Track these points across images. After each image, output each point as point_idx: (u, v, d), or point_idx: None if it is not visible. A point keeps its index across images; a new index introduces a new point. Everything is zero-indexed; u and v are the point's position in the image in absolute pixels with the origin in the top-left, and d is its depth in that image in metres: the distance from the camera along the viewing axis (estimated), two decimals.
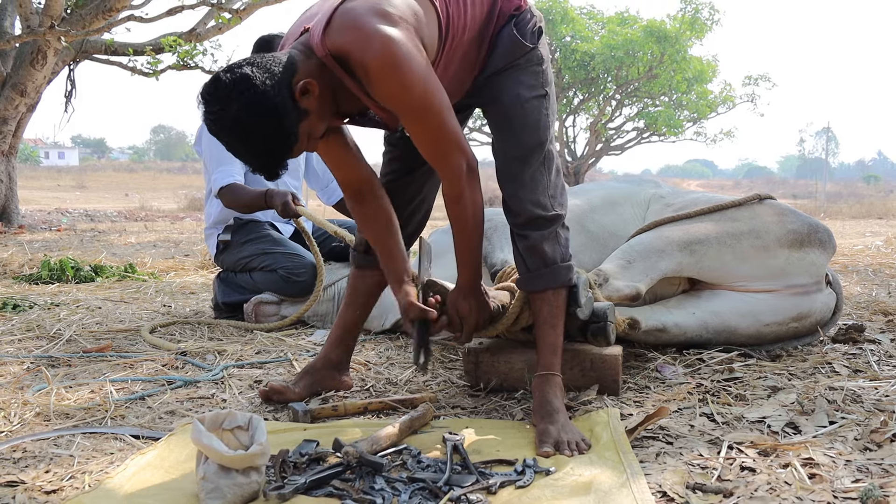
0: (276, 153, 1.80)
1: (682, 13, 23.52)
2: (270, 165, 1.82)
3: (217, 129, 1.77)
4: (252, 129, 1.74)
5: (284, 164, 1.84)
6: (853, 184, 51.13)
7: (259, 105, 1.73)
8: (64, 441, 1.88)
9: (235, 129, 1.75)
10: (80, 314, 3.56)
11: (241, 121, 1.73)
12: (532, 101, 2.09)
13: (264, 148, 1.78)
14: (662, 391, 2.27)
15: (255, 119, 1.73)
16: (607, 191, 3.07)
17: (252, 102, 1.72)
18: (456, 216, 2.01)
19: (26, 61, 8.96)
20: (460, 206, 1.98)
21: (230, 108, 1.72)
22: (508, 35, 2.08)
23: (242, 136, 1.76)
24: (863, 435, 1.82)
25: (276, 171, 1.84)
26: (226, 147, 1.81)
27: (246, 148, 1.78)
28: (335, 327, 2.36)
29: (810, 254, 2.70)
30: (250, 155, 1.80)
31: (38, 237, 8.30)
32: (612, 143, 27.30)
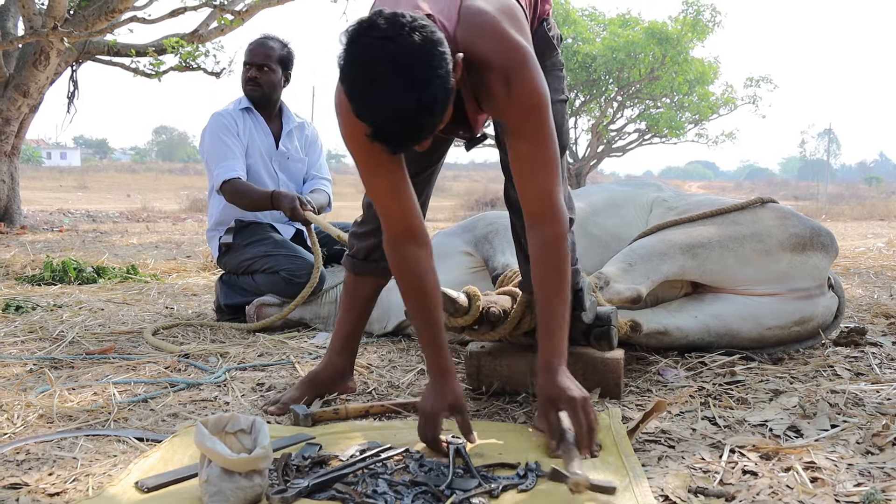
0: (432, 110, 1.57)
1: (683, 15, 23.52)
2: (418, 124, 1.58)
3: (378, 56, 1.52)
4: (422, 67, 1.53)
5: (421, 135, 1.61)
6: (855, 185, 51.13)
7: (437, 44, 1.55)
8: (67, 443, 1.89)
9: (404, 60, 1.52)
10: (82, 316, 3.57)
11: (414, 52, 1.52)
12: (557, 104, 2.09)
13: (426, 96, 1.54)
14: (664, 394, 2.27)
15: (430, 57, 1.53)
16: (610, 193, 3.08)
17: (432, 39, 1.54)
18: (555, 264, 1.84)
19: (29, 62, 8.97)
20: (559, 249, 1.84)
21: (406, 37, 1.52)
22: (542, 35, 2.10)
23: (408, 70, 1.52)
24: (865, 438, 1.82)
25: (415, 136, 1.60)
26: (375, 87, 1.53)
27: (405, 89, 1.53)
28: (336, 335, 2.33)
29: (812, 257, 2.70)
30: (405, 100, 1.53)
31: (40, 238, 8.31)
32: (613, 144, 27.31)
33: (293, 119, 3.80)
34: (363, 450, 1.79)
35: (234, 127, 3.58)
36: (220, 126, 3.57)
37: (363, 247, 2.27)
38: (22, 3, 8.40)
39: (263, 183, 3.63)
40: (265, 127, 3.69)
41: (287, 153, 3.73)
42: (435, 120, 1.59)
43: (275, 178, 3.70)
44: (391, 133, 1.58)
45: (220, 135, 3.55)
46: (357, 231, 2.31)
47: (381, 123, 1.57)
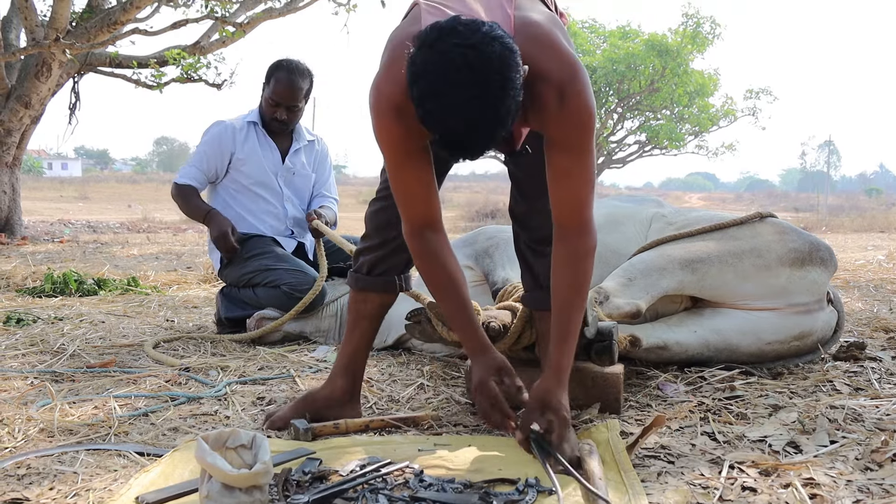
0: (505, 120, 1.55)
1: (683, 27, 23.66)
2: (490, 133, 1.55)
3: (459, 62, 1.49)
4: (502, 77, 1.51)
5: (491, 144, 1.60)
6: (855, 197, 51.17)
7: (515, 54, 1.54)
8: (68, 457, 1.89)
9: (485, 69, 1.50)
10: (83, 328, 3.57)
11: (496, 62, 1.50)
12: None
13: (504, 106, 1.52)
14: (664, 409, 2.28)
15: (509, 67, 1.51)
16: (609, 210, 3.09)
17: (511, 49, 1.53)
18: (580, 277, 1.85)
19: (31, 73, 9.01)
20: (588, 263, 1.85)
21: (489, 45, 1.50)
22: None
23: (487, 80, 1.50)
24: (864, 454, 1.82)
25: (485, 145, 1.58)
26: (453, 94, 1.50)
27: (482, 98, 1.51)
28: (340, 355, 2.25)
29: (812, 272, 2.71)
30: (482, 108, 1.51)
31: (40, 249, 8.32)
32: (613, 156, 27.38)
33: (304, 137, 3.82)
34: (363, 465, 1.79)
35: (227, 139, 3.66)
36: (212, 136, 3.69)
37: (366, 261, 2.22)
38: (24, 14, 8.44)
39: (266, 196, 3.67)
40: (271, 142, 3.72)
41: (293, 169, 3.75)
42: (504, 131, 1.57)
43: (279, 192, 3.71)
44: (461, 141, 1.57)
45: (208, 147, 3.68)
46: (361, 247, 2.27)
47: (453, 131, 1.55)
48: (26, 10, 8.41)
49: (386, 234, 2.18)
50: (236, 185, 3.68)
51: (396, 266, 2.22)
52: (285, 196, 3.72)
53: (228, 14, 10.45)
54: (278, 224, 3.71)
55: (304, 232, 3.79)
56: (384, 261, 2.20)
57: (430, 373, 2.72)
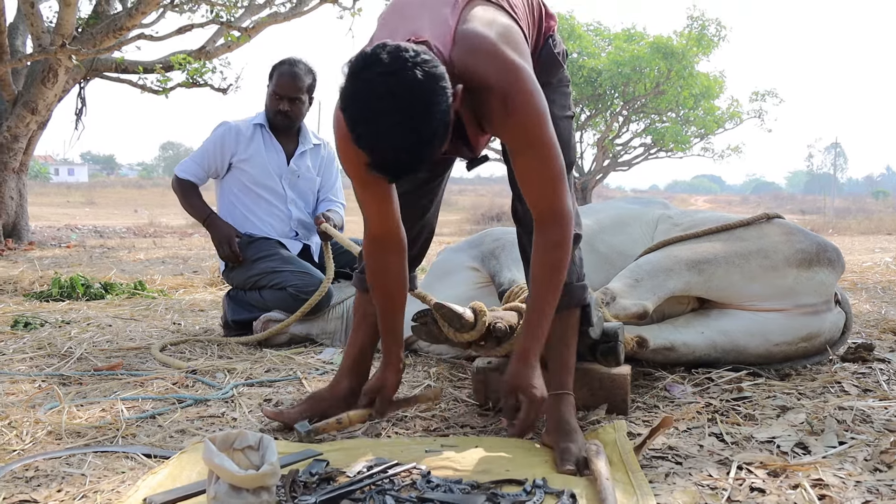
0: (430, 144, 1.59)
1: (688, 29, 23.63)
2: (415, 158, 1.60)
3: (380, 90, 1.55)
4: (423, 103, 1.56)
5: (418, 167, 1.63)
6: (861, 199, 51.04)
7: (438, 79, 1.57)
8: (76, 460, 1.89)
9: (405, 95, 1.54)
10: (90, 332, 3.58)
11: (415, 88, 1.55)
12: (564, 120, 2.11)
13: (426, 131, 1.57)
14: (671, 410, 2.27)
15: (430, 93, 1.56)
16: (616, 211, 3.08)
17: (433, 74, 1.57)
18: (554, 264, 1.86)
19: (37, 80, 9.06)
20: (562, 251, 1.86)
21: (409, 72, 1.55)
22: (548, 52, 2.12)
23: (409, 106, 1.55)
24: (873, 455, 1.81)
25: (411, 169, 1.62)
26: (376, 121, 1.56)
27: (403, 124, 1.55)
28: (346, 355, 2.28)
29: (819, 273, 2.70)
30: (403, 135, 1.56)
31: (47, 253, 8.35)
32: (619, 158, 27.35)
33: (310, 140, 3.83)
34: (370, 466, 1.79)
35: (230, 139, 3.68)
36: (217, 137, 3.71)
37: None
38: (30, 21, 8.48)
39: (269, 198, 3.68)
40: (276, 144, 3.73)
41: (297, 171, 3.76)
42: (433, 152, 1.62)
43: (282, 194, 3.72)
44: (389, 165, 1.61)
45: (211, 144, 3.71)
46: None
47: (381, 156, 1.60)
48: (32, 17, 8.45)
49: None
50: (240, 186, 3.69)
51: None
52: (289, 198, 3.73)
53: (234, 19, 10.49)
54: (282, 226, 3.72)
55: (310, 234, 3.79)
56: None
57: (437, 374, 2.72)
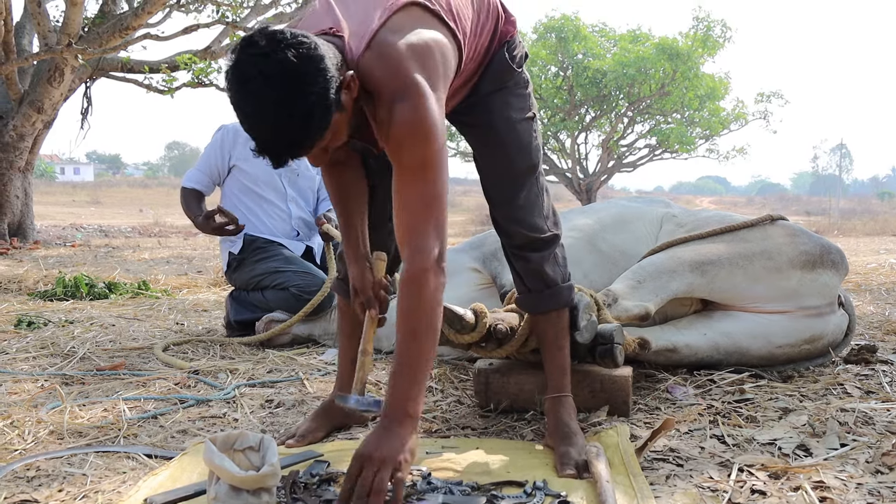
0: (306, 125, 1.57)
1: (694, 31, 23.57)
2: (291, 139, 1.58)
3: (253, 71, 1.53)
4: (295, 82, 1.53)
5: (298, 150, 1.61)
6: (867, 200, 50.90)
7: (313, 61, 1.56)
8: (77, 460, 1.90)
9: (276, 75, 1.52)
10: (93, 332, 3.59)
11: (287, 68, 1.52)
12: (523, 122, 2.07)
13: (298, 111, 1.55)
14: (673, 412, 2.27)
15: (304, 73, 1.54)
16: (619, 210, 3.08)
17: (308, 56, 1.55)
18: (410, 301, 1.65)
19: (44, 79, 9.08)
20: (419, 285, 1.65)
21: (280, 53, 1.53)
22: (500, 59, 2.06)
23: (280, 85, 1.53)
24: (874, 458, 1.81)
25: (290, 151, 1.60)
26: (249, 102, 1.55)
27: (276, 103, 1.53)
28: (344, 362, 2.22)
29: (823, 275, 2.69)
30: (276, 114, 1.54)
31: (52, 253, 8.37)
32: (624, 159, 27.29)
33: None
34: None
35: (228, 141, 3.71)
36: (216, 141, 3.74)
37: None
38: (37, 20, 8.51)
39: (270, 197, 3.69)
40: None
41: (297, 170, 3.77)
42: (311, 134, 1.59)
43: (282, 192, 3.73)
44: (267, 146, 1.59)
45: (210, 149, 3.74)
46: (343, 251, 2.19)
47: (257, 137, 1.59)
48: (39, 16, 8.48)
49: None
50: (240, 187, 3.70)
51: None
52: (289, 196, 3.74)
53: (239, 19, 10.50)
54: (283, 225, 3.73)
55: (311, 234, 3.80)
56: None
57: (439, 375, 2.72)
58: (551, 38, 23.87)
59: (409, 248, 1.68)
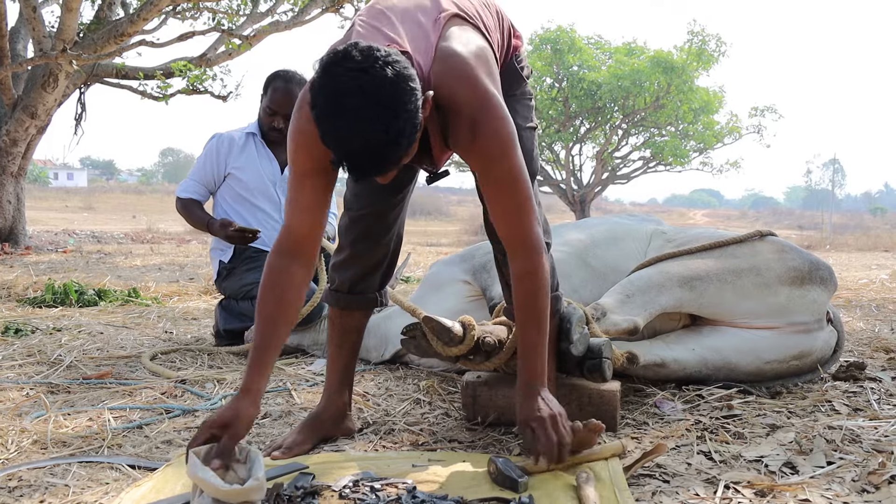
0: (397, 144, 1.59)
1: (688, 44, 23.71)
2: (382, 156, 1.60)
3: (351, 86, 1.55)
4: (392, 100, 1.56)
5: (385, 168, 1.64)
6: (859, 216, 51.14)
7: (408, 79, 1.59)
8: (60, 470, 1.88)
9: (374, 92, 1.54)
10: (81, 339, 3.57)
11: (385, 85, 1.55)
12: (527, 130, 2.13)
13: (392, 129, 1.56)
14: (661, 427, 2.26)
15: (400, 91, 1.57)
16: (609, 226, 3.08)
17: (404, 74, 1.58)
18: (529, 292, 1.90)
19: (38, 84, 9.06)
20: (537, 278, 1.89)
21: (379, 69, 1.55)
22: (511, 68, 2.15)
23: (377, 102, 1.55)
24: (861, 476, 1.80)
25: (377, 168, 1.63)
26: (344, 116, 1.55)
27: (372, 120, 1.55)
28: (332, 372, 2.25)
29: (811, 291, 2.70)
30: (371, 131, 1.56)
31: (44, 259, 8.33)
32: (618, 171, 27.38)
33: None
34: (356, 480, 1.78)
35: (223, 150, 3.71)
36: (210, 149, 3.74)
37: (347, 278, 2.23)
38: (32, 25, 8.50)
39: (263, 207, 3.68)
40: (269, 153, 3.74)
41: None
42: (400, 153, 1.61)
43: (276, 202, 3.72)
44: (355, 162, 1.61)
45: (205, 157, 3.74)
46: (337, 261, 2.26)
47: (347, 152, 1.59)
48: (34, 21, 8.47)
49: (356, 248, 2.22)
50: (233, 195, 3.69)
51: (374, 284, 2.27)
52: (283, 206, 3.73)
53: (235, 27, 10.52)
54: (275, 235, 3.70)
55: None
56: (364, 278, 2.24)
57: (427, 387, 2.71)
58: (547, 49, 23.99)
59: (522, 248, 1.88)
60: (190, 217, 3.70)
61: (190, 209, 3.69)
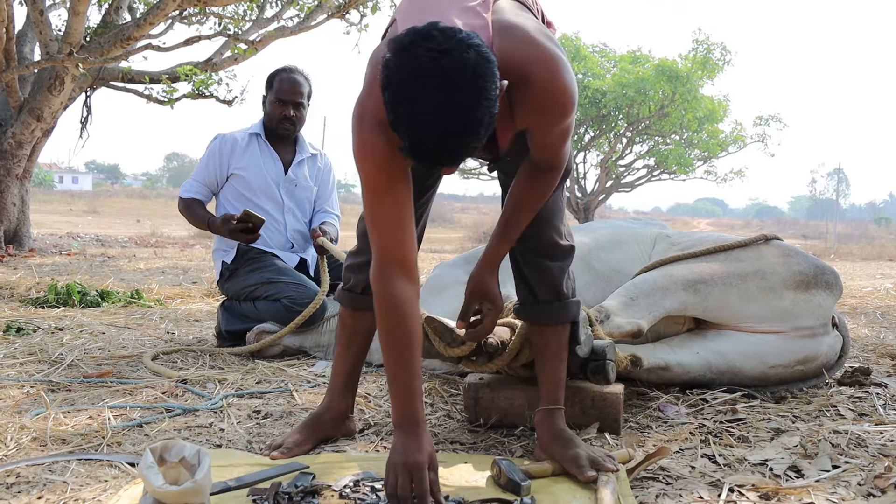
0: (476, 132, 1.50)
1: (693, 53, 23.72)
2: (459, 144, 1.51)
3: (432, 67, 1.46)
4: (473, 86, 1.47)
5: (460, 156, 1.55)
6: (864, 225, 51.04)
7: (491, 64, 1.50)
8: (59, 467, 1.87)
9: (457, 76, 1.46)
10: (83, 339, 3.56)
11: (467, 69, 1.46)
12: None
13: (473, 117, 1.48)
14: (664, 431, 2.25)
15: (483, 76, 1.48)
16: (614, 229, 3.07)
17: (486, 58, 1.50)
18: (544, 191, 1.93)
19: (44, 87, 9.08)
20: (552, 185, 1.94)
21: (462, 52, 1.46)
22: None
23: (459, 87, 1.46)
24: (866, 480, 1.79)
25: (452, 156, 1.53)
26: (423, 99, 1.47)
27: (453, 105, 1.46)
28: (337, 374, 2.20)
29: (817, 296, 2.68)
30: (450, 116, 1.47)
31: (47, 261, 8.34)
32: (622, 180, 27.37)
33: (307, 149, 3.84)
34: (357, 480, 1.76)
35: (226, 150, 3.70)
36: (213, 149, 3.73)
37: (361, 279, 2.16)
38: (39, 28, 8.52)
39: (266, 207, 3.67)
40: (273, 153, 3.73)
41: (295, 180, 3.76)
42: (476, 143, 1.53)
43: (280, 203, 3.72)
44: (429, 149, 1.51)
45: (207, 157, 3.73)
46: (353, 263, 2.20)
47: (422, 137, 1.50)
48: (41, 25, 8.50)
49: None
50: (236, 195, 3.68)
51: None
52: (286, 207, 3.73)
53: (241, 31, 10.55)
54: (279, 236, 3.71)
55: (306, 246, 3.78)
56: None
57: (429, 389, 2.70)
58: None
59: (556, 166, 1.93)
60: (192, 216, 3.69)
61: (192, 208, 3.69)
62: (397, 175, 1.74)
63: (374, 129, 1.71)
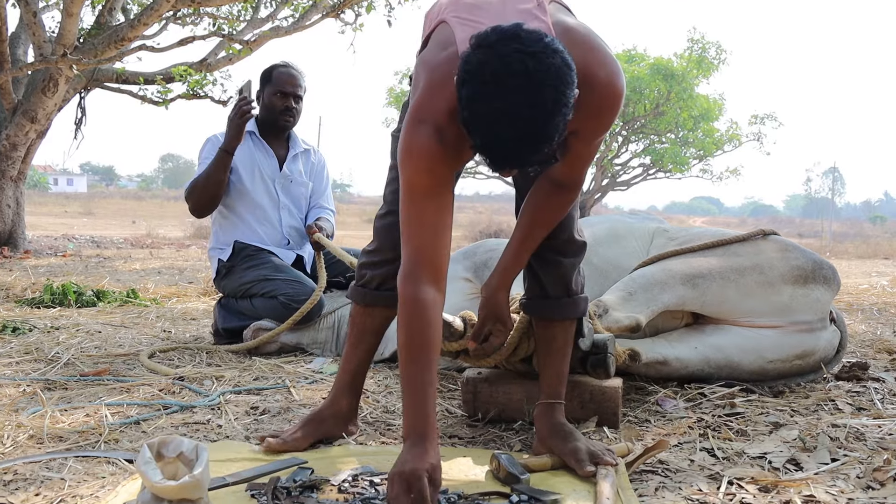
0: (549, 139, 1.48)
1: (689, 52, 23.75)
2: (531, 149, 1.49)
3: (518, 68, 1.44)
4: (557, 92, 1.46)
5: (528, 161, 1.53)
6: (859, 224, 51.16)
7: (572, 70, 1.50)
8: (56, 464, 1.86)
9: (542, 79, 1.45)
10: (79, 338, 3.55)
11: (552, 73, 1.45)
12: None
13: (551, 123, 1.47)
14: (663, 425, 2.24)
15: (565, 84, 1.47)
16: (612, 224, 3.07)
17: (569, 64, 1.49)
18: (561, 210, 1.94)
19: (38, 88, 9.05)
20: (569, 205, 1.95)
21: (549, 56, 1.46)
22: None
23: (542, 91, 1.45)
24: (865, 473, 1.79)
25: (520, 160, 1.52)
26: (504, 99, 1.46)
27: (533, 108, 1.45)
28: (343, 372, 2.16)
29: (815, 290, 2.68)
30: (529, 120, 1.46)
31: (43, 262, 8.32)
32: (618, 178, 27.39)
33: (300, 145, 3.85)
34: (356, 474, 1.76)
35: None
36: (209, 146, 3.70)
37: (377, 275, 2.12)
38: (32, 30, 8.50)
39: (262, 203, 3.66)
40: (268, 150, 3.73)
41: (290, 176, 3.76)
42: (547, 150, 1.51)
43: (275, 199, 3.71)
44: (501, 150, 1.51)
45: (204, 155, 3.70)
46: (368, 260, 2.15)
47: (496, 138, 1.49)
48: (34, 26, 8.47)
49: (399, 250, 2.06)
50: (233, 191, 3.67)
51: None
52: (282, 204, 3.72)
53: (235, 32, 10.53)
54: (274, 233, 3.70)
55: (302, 242, 3.78)
56: (395, 276, 2.12)
57: None
58: None
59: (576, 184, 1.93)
60: (201, 181, 3.55)
61: (196, 180, 3.59)
62: (444, 181, 1.73)
63: (431, 129, 1.68)
